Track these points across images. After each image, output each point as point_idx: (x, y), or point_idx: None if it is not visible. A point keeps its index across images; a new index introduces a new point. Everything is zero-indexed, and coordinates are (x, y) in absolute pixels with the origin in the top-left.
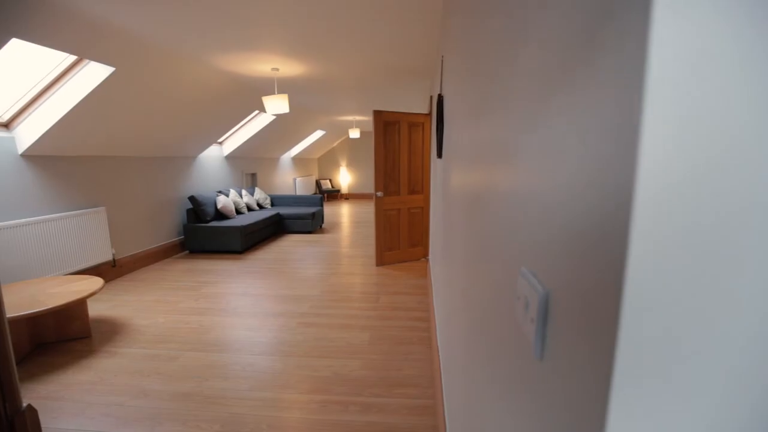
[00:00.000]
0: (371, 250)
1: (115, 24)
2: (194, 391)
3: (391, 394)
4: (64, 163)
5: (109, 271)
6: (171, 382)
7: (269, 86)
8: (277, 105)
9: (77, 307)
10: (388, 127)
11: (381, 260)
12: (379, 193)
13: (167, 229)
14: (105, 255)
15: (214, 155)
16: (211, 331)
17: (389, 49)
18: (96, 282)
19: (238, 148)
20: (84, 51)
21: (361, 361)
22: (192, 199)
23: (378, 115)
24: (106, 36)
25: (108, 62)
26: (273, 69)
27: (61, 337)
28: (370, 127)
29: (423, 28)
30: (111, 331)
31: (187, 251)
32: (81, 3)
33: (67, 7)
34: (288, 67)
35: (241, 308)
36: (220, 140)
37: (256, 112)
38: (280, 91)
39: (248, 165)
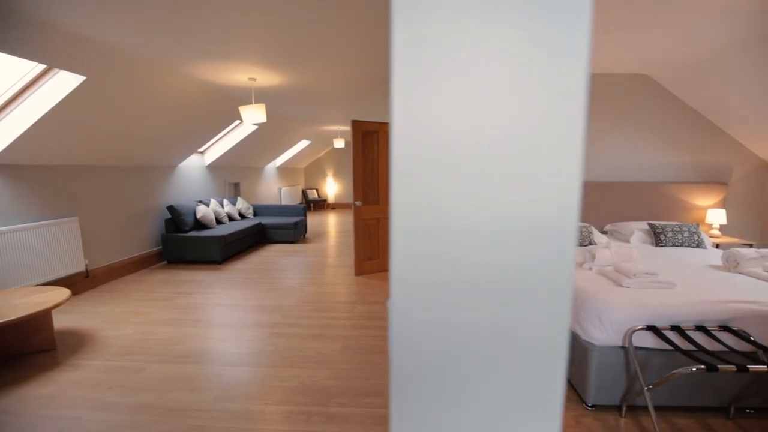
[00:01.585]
0: (352, 259)
1: (85, 33)
2: (156, 404)
3: (358, 404)
4: (35, 172)
5: (82, 282)
6: (133, 394)
7: (248, 96)
8: (254, 115)
9: (41, 319)
10: (366, 137)
11: (360, 270)
12: (358, 203)
13: (144, 239)
14: (77, 266)
15: (196, 165)
16: (181, 342)
17: (365, 59)
18: (62, 293)
19: (220, 157)
20: (53, 60)
21: (329, 371)
22: (171, 208)
23: (356, 124)
24: (77, 45)
25: (78, 71)
26: (250, 79)
27: (25, 349)
28: None
29: None
30: (78, 343)
31: (165, 261)
32: (50, 12)
33: (36, 17)
34: (265, 77)
35: (215, 319)
36: (201, 149)
37: (238, 122)
38: (259, 101)
39: (231, 174)
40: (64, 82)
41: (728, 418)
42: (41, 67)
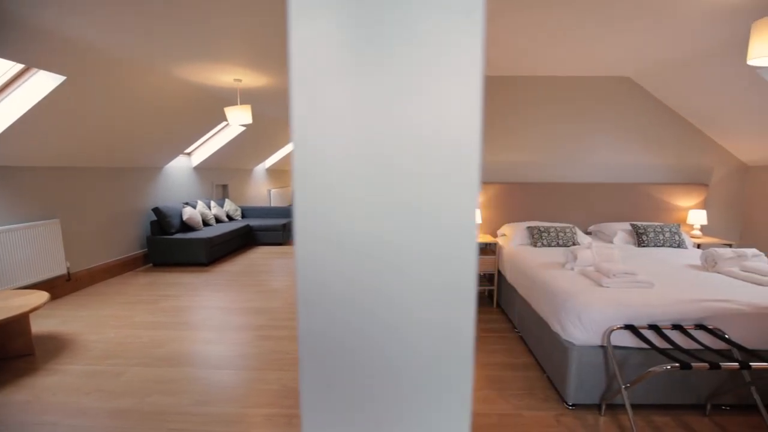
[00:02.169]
0: None
1: (65, 33)
2: (134, 408)
3: None
4: (14, 173)
5: (64, 285)
6: (111, 399)
7: (233, 97)
8: (239, 116)
9: (19, 323)
10: None
11: None
12: None
13: (129, 241)
14: (59, 268)
15: (182, 166)
16: (163, 345)
17: None
18: (40, 296)
19: (208, 159)
20: (32, 60)
21: None
22: (156, 210)
23: None
24: (56, 45)
25: (58, 71)
26: (235, 80)
27: (1, 354)
28: None
29: None
30: (57, 347)
31: (150, 264)
32: (25, 11)
33: (12, 15)
34: (250, 78)
35: (199, 322)
36: (188, 151)
37: (225, 123)
38: (245, 102)
39: (219, 176)
40: (43, 83)
41: (705, 415)
42: (19, 66)
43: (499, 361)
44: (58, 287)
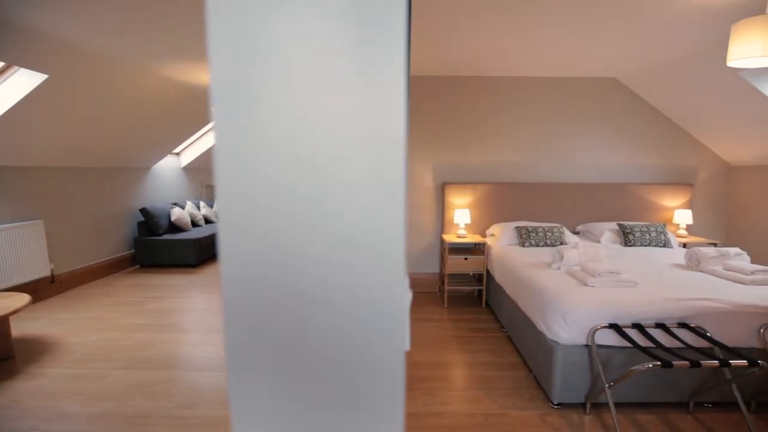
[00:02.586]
0: None
1: (46, 30)
2: (115, 412)
3: None
4: None
5: (48, 287)
6: (92, 403)
7: None
8: None
9: None
10: None
11: None
12: None
13: (116, 242)
14: (42, 270)
15: (171, 166)
16: (147, 348)
17: None
18: (21, 299)
19: (197, 159)
20: (13, 58)
21: None
22: (144, 211)
23: None
24: (38, 43)
25: (40, 69)
26: None
27: None
28: None
29: None
30: (38, 350)
31: (138, 265)
32: (10, 12)
33: None
34: None
35: (185, 324)
36: (176, 151)
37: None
38: None
39: (208, 176)
40: (23, 81)
41: (688, 413)
42: None
43: (486, 360)
44: (42, 289)
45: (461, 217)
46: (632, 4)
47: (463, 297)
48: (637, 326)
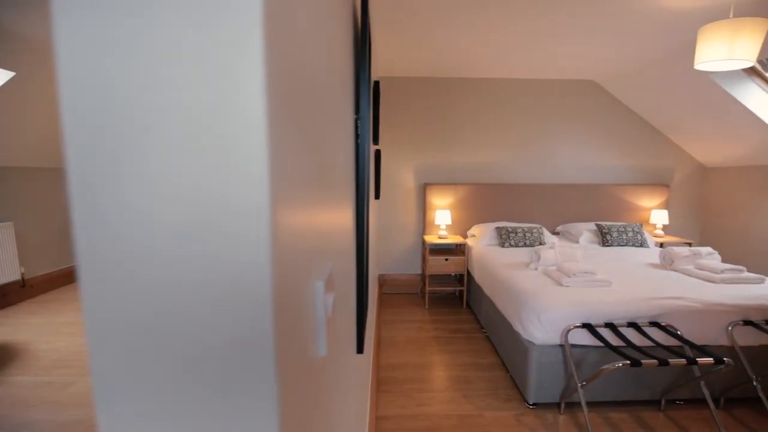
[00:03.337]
0: None
1: (13, 29)
2: (83, 420)
3: None
4: None
5: (17, 291)
6: (58, 411)
7: None
8: None
9: None
10: None
11: None
12: None
13: None
14: (12, 274)
15: None
16: None
17: None
18: None
19: None
20: None
21: None
22: None
23: None
24: (3, 40)
25: (6, 66)
26: None
27: None
28: None
29: None
30: (3, 357)
31: None
32: None
33: None
34: None
35: None
36: None
37: None
38: None
39: None
40: None
41: (660, 410)
42: None
43: (465, 361)
44: (11, 294)
45: (442, 218)
46: (607, 8)
47: (445, 298)
48: (610, 325)
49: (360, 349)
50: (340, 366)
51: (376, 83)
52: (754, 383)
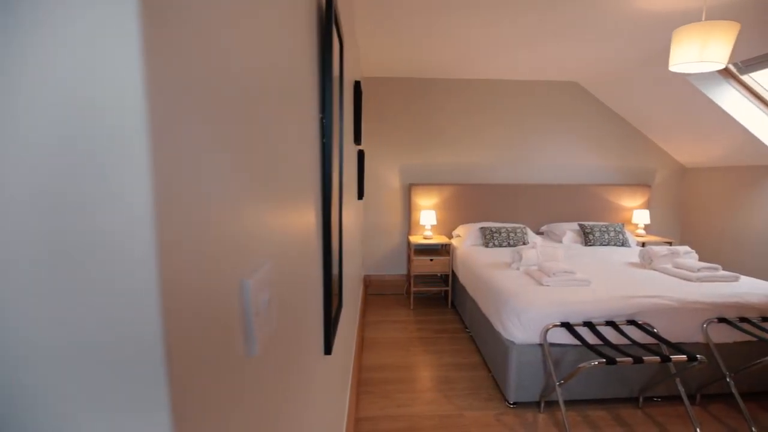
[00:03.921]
0: None
1: None
2: None
3: None
4: None
5: None
6: None
7: None
8: None
9: None
10: None
11: None
12: None
13: None
14: None
15: None
16: None
17: None
18: None
19: None
20: None
21: None
22: None
23: None
24: None
25: None
26: None
27: None
28: None
29: None
30: None
31: None
32: None
33: None
34: None
35: None
36: None
37: None
38: None
39: None
40: None
41: (638, 407)
42: None
43: (448, 361)
44: None
45: (427, 218)
46: (588, 10)
47: (430, 298)
48: (588, 324)
49: (328, 351)
50: (291, 367)
51: (357, 83)
52: (728, 380)
